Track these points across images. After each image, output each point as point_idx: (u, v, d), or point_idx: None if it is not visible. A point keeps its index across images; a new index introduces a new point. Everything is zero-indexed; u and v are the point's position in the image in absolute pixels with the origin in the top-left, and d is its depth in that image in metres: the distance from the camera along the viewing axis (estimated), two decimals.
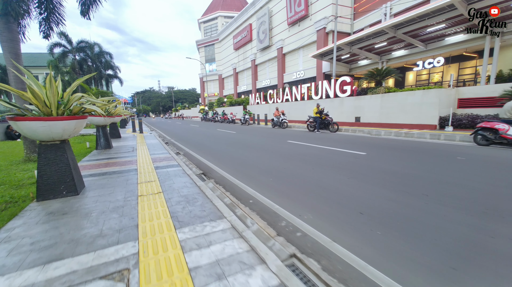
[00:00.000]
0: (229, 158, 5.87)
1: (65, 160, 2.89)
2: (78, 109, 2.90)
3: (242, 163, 5.32)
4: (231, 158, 5.86)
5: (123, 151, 6.42)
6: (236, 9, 50.98)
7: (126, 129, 15.95)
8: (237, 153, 6.57)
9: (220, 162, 5.45)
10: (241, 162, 5.43)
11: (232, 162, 5.46)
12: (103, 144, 6.70)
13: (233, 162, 5.41)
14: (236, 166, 5.05)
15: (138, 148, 7.05)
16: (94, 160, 5.26)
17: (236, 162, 5.40)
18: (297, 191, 3.41)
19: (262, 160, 5.47)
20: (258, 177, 4.17)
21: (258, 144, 8.14)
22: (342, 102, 12.89)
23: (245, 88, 42.20)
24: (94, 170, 4.29)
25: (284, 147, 7.17)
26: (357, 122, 12.07)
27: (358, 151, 6.11)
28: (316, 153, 6.13)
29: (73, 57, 24.69)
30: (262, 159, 5.63)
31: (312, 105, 15.30)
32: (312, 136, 9.91)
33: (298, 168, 4.67)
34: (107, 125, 6.88)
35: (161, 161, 5.12)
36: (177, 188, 3.22)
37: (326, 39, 25.58)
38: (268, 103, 20.48)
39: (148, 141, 8.95)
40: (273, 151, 6.65)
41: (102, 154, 6.10)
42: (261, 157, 5.87)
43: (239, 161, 5.53)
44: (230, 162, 5.46)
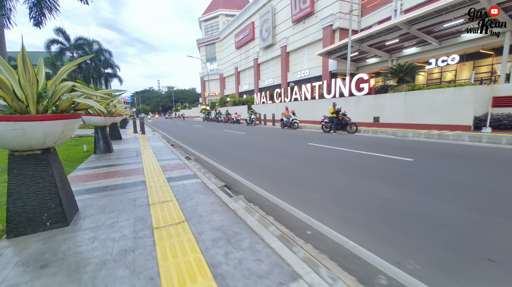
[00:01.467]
0: (250, 165, 5.00)
1: (50, 177, 2.02)
2: (67, 104, 2.03)
3: (267, 171, 4.46)
4: (252, 165, 5.00)
5: (126, 156, 5.55)
6: (238, 8, 50.15)
7: (127, 130, 15.05)
8: (255, 158, 5.71)
9: (241, 169, 4.58)
10: (266, 170, 4.57)
11: (255, 169, 4.60)
12: (103, 147, 5.82)
13: (256, 170, 4.54)
14: (262, 175, 4.19)
15: (142, 152, 6.18)
16: (91, 168, 4.39)
17: (260, 170, 4.54)
18: (362, 214, 2.56)
19: (291, 168, 4.61)
20: (298, 192, 3.31)
21: (275, 147, 7.28)
22: (359, 101, 12.05)
23: (247, 87, 41.37)
24: (91, 183, 3.42)
25: (308, 151, 6.32)
26: (376, 122, 11.22)
27: (400, 156, 5.25)
28: (351, 159, 5.28)
29: (71, 55, 23.74)
30: (290, 166, 4.77)
31: (324, 104, 14.46)
32: (331, 138, 9.06)
33: (342, 179, 3.82)
34: (107, 126, 5.99)
35: (173, 169, 4.25)
36: (205, 214, 2.35)
37: (333, 36, 24.83)
38: (275, 103, 19.61)
39: (152, 143, 8.08)
40: (297, 156, 5.79)
41: (102, 159, 5.22)
42: (287, 164, 5.01)
43: (262, 168, 4.67)
44: (252, 169, 4.60)
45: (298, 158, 5.53)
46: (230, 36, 44.50)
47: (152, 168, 4.36)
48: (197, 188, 3.16)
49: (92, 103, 2.00)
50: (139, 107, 75.84)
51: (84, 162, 4.98)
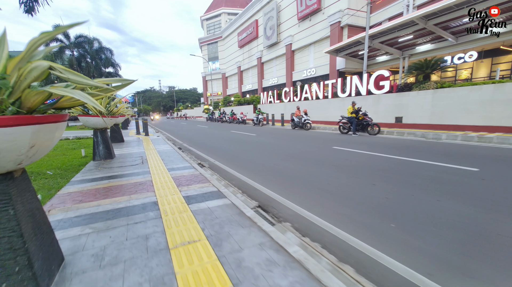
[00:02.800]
0: (277, 174, 4.17)
1: (11, 223, 1.20)
2: (39, 98, 1.20)
3: (302, 183, 3.63)
4: (280, 174, 4.16)
5: (130, 164, 4.72)
6: (240, 6, 49.35)
7: (129, 131, 14.24)
8: (280, 165, 4.87)
9: (269, 180, 3.75)
10: (300, 181, 3.74)
11: (286, 181, 3.77)
12: (103, 153, 4.99)
13: (287, 182, 3.71)
14: (298, 189, 3.36)
15: (148, 158, 5.36)
16: (89, 181, 3.56)
17: (292, 182, 3.70)
18: (486, 262, 1.73)
19: (333, 180, 3.77)
20: (362, 218, 2.48)
21: (297, 150, 6.44)
22: (378, 100, 11.18)
23: (251, 87, 40.58)
24: (87, 206, 2.59)
25: (338, 157, 5.48)
26: (398, 123, 10.35)
27: (458, 165, 4.40)
28: (396, 167, 4.43)
29: (71, 53, 22.96)
30: (329, 177, 3.93)
31: (339, 103, 13.62)
32: (354, 140, 8.21)
33: (409, 198, 2.98)
34: (108, 128, 5.16)
35: (189, 183, 3.42)
36: (259, 270, 1.52)
37: (341, 33, 24.03)
38: (283, 102, 18.74)
39: (158, 147, 7.25)
40: (329, 162, 4.95)
41: (102, 168, 4.40)
42: (324, 173, 4.17)
43: (294, 179, 3.84)
44: (282, 180, 3.77)
45: (331, 165, 4.70)
46: (233, 35, 43.71)
47: (163, 181, 3.53)
48: (229, 215, 2.33)
49: (83, 96, 1.17)
50: (140, 107, 75.10)
51: (81, 172, 4.15)
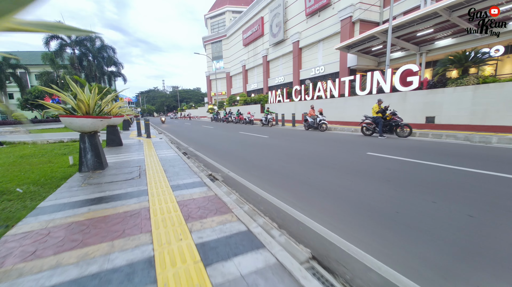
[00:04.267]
0: (316, 192, 3.15)
1: None
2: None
3: (354, 206, 2.62)
4: (320, 192, 3.14)
5: (123, 178, 3.75)
6: (245, 4, 48.33)
7: (130, 132, 13.35)
8: (315, 178, 3.85)
9: (310, 205, 2.75)
10: (359, 207, 2.72)
11: (335, 205, 2.75)
12: (91, 162, 4.02)
13: (337, 207, 2.70)
14: (363, 221, 2.33)
15: (148, 168, 4.39)
16: (60, 210, 2.59)
17: (346, 207, 2.69)
18: None
19: (401, 205, 2.74)
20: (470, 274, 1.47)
21: (324, 157, 5.42)
22: (405, 98, 10.06)
23: (256, 86, 39.57)
24: (33, 272, 1.62)
25: (379, 166, 4.44)
26: (430, 123, 9.23)
27: None
28: (457, 180, 3.38)
29: (72, 51, 22.28)
30: (389, 199, 2.90)
31: (357, 102, 12.53)
32: (385, 143, 7.15)
33: (499, 226, 1.94)
34: (98, 131, 4.19)
35: (202, 213, 2.43)
36: None
37: (352, 29, 22.86)
38: (294, 101, 17.68)
39: (161, 151, 6.30)
40: (374, 175, 3.92)
41: (87, 184, 3.45)
42: (375, 190, 3.14)
43: (347, 203, 2.82)
44: (330, 205, 2.75)
45: (380, 179, 3.67)
46: (238, 33, 42.74)
47: (164, 208, 2.54)
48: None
49: None
50: (144, 107, 74.69)
51: (58, 190, 3.20)
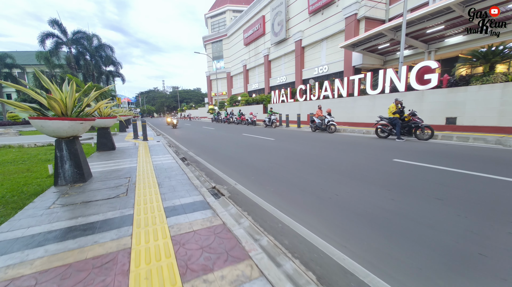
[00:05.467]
0: (353, 218, 2.46)
1: None
2: None
3: (431, 250, 1.93)
4: (360, 218, 2.45)
5: (107, 196, 3.05)
6: (246, 3, 47.70)
7: (127, 134, 12.67)
8: (344, 194, 3.16)
9: (352, 237, 2.07)
10: (418, 241, 2.04)
11: (388, 240, 2.07)
12: (70, 174, 3.32)
13: (392, 243, 2.02)
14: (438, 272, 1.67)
15: (139, 180, 3.70)
16: (10, 251, 1.91)
17: (400, 240, 2.01)
18: None
19: (483, 243, 2.06)
20: None
21: (345, 164, 4.73)
22: (422, 97, 9.36)
23: (257, 86, 38.89)
24: None
25: (416, 178, 3.75)
26: (450, 124, 8.52)
27: None
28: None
29: (68, 50, 21.60)
30: (460, 229, 2.22)
31: (367, 102, 11.84)
32: (408, 147, 6.45)
33: None
34: (79, 135, 3.49)
35: (206, 258, 1.76)
36: None
37: (357, 27, 22.18)
38: (298, 101, 16.97)
39: (157, 158, 5.62)
40: (416, 190, 3.24)
41: (57, 206, 2.76)
42: (430, 214, 2.47)
43: (399, 233, 2.15)
44: (383, 240, 2.07)
45: (426, 196, 2.99)
46: (238, 32, 42.08)
47: (153, 252, 1.86)
48: None
49: None
50: (144, 108, 74.04)
51: (20, 213, 2.51)
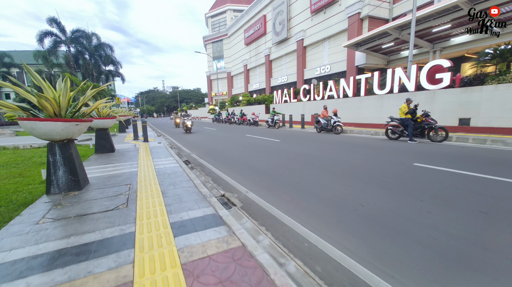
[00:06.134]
0: (412, 245, 2.14)
1: None
2: None
3: None
4: (403, 239, 2.14)
5: (105, 207, 2.72)
6: (246, 2, 47.42)
7: (126, 135, 12.33)
8: (378, 207, 2.85)
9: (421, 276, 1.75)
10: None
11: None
12: (64, 181, 2.99)
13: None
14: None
15: (140, 187, 3.38)
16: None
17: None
18: None
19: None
20: None
21: (361, 169, 4.41)
22: (433, 98, 9.04)
23: (258, 86, 38.57)
24: None
25: (443, 184, 3.44)
26: (464, 125, 8.20)
27: None
28: None
29: (67, 48, 21.25)
30: None
31: (374, 102, 11.54)
32: (423, 150, 6.13)
33: None
34: (75, 138, 3.16)
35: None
36: None
37: (360, 26, 21.91)
38: (302, 101, 16.65)
39: (159, 161, 5.29)
40: (454, 201, 2.92)
41: (47, 221, 2.44)
42: (497, 237, 2.15)
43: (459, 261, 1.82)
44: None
45: (467, 209, 2.67)
46: (239, 32, 41.76)
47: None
48: None
49: None
50: (144, 108, 73.67)
51: (3, 230, 2.18)
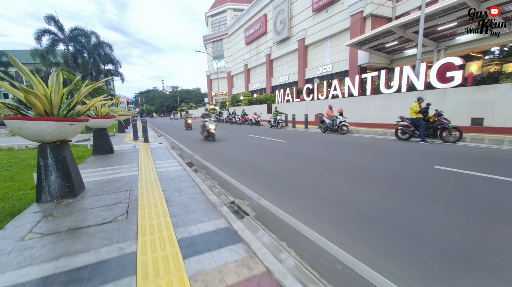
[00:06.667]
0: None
1: None
2: None
3: None
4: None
5: (101, 219, 2.41)
6: (247, 1, 47.10)
7: (126, 135, 12.00)
8: (416, 219, 2.55)
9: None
10: None
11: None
12: (56, 187, 2.66)
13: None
14: None
15: (141, 194, 3.06)
16: None
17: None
18: None
19: None
20: None
21: (380, 172, 4.11)
22: (444, 97, 8.75)
23: (258, 86, 38.27)
24: None
25: (478, 191, 3.14)
26: (477, 125, 7.91)
27: None
28: None
29: (65, 47, 20.87)
30: None
31: (381, 102, 11.24)
32: (439, 151, 5.84)
33: None
34: (69, 139, 2.84)
35: None
36: None
37: (363, 25, 21.62)
38: (305, 101, 16.34)
39: (160, 163, 4.97)
40: (501, 213, 2.62)
41: (35, 237, 2.13)
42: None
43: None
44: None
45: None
46: (239, 31, 41.44)
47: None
48: None
49: None
50: (143, 107, 73.25)
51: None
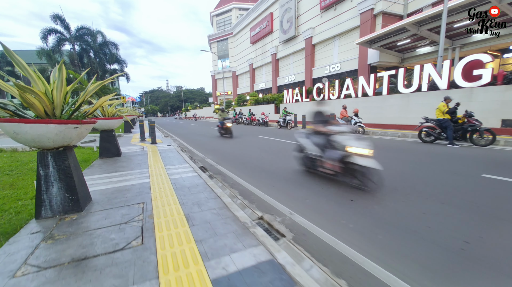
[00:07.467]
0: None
1: None
2: None
3: None
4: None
5: (112, 247, 2.04)
6: (252, 0, 46.66)
7: (132, 135, 11.68)
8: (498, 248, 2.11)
9: None
10: None
11: None
12: (59, 201, 2.28)
13: None
14: None
15: (157, 211, 2.67)
16: None
17: None
18: None
19: None
20: None
21: (430, 183, 3.66)
22: (470, 96, 8.19)
23: (264, 85, 37.81)
24: None
25: None
26: (508, 127, 7.34)
27: None
28: None
29: (72, 46, 20.77)
30: None
31: (398, 101, 10.71)
32: (474, 155, 5.33)
33: None
34: (74, 144, 2.45)
35: None
36: None
37: (374, 22, 21.00)
38: (315, 101, 15.89)
39: (173, 169, 4.59)
40: None
41: (34, 269, 1.75)
42: None
43: None
44: None
45: None
46: (245, 31, 41.04)
47: None
48: None
49: None
50: (148, 107, 73.47)
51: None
